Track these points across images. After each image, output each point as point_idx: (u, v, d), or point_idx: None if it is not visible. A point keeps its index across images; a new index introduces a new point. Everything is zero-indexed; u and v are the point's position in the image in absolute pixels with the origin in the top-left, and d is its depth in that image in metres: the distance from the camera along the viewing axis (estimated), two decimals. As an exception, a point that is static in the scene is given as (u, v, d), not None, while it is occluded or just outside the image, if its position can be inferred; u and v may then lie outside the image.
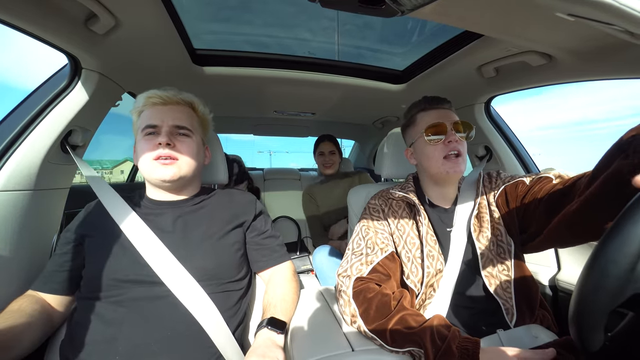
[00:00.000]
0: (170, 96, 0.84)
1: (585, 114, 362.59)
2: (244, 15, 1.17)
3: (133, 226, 0.78)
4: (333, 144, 2.04)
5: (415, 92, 1.51)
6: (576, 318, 0.39)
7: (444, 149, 0.87)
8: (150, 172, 0.80)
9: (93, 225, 0.80)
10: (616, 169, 0.54)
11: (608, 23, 0.53)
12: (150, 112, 0.82)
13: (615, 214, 0.38)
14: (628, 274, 0.35)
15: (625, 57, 0.80)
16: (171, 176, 0.80)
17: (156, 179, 0.81)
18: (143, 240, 0.76)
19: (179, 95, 0.87)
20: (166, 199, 0.86)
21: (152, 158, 0.79)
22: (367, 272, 0.80)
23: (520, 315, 0.79)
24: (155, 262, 0.73)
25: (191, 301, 0.72)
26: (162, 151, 0.79)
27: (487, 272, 0.82)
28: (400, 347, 0.66)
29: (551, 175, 0.77)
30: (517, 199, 0.83)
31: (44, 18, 0.73)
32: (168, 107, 0.83)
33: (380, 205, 0.95)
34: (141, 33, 0.92)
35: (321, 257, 1.60)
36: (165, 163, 0.80)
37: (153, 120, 0.81)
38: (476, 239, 0.85)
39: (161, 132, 0.80)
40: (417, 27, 1.18)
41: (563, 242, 0.77)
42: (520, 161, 1.43)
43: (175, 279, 0.73)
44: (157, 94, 0.83)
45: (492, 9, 0.63)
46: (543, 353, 0.61)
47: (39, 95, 0.92)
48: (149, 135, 0.81)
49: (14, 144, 0.85)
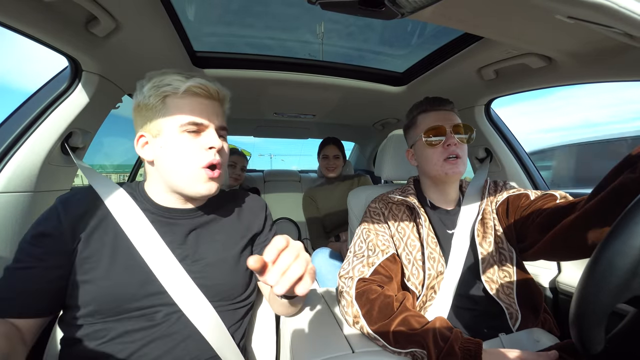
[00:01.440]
0: (214, 90, 0.69)
1: (588, 117, 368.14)
2: (244, 18, 1.17)
3: (145, 237, 0.66)
4: (338, 148, 2.03)
5: (415, 94, 1.51)
6: (577, 319, 0.39)
7: (443, 152, 0.87)
8: (195, 182, 0.66)
9: (89, 232, 0.63)
10: (621, 182, 0.54)
11: (607, 26, 0.53)
12: (192, 105, 0.66)
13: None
14: (634, 267, 0.35)
15: (624, 60, 0.80)
16: (215, 190, 0.69)
17: (197, 193, 0.67)
18: (156, 255, 0.65)
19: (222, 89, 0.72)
20: (177, 207, 0.73)
21: (202, 166, 0.66)
22: (369, 273, 0.80)
23: (525, 319, 0.79)
24: (168, 280, 0.64)
25: (203, 323, 0.65)
26: (215, 158, 0.66)
27: (488, 277, 0.82)
28: (403, 348, 0.66)
29: (556, 194, 0.78)
30: (518, 210, 0.83)
31: (44, 21, 0.73)
32: (212, 103, 0.69)
33: (381, 209, 0.95)
34: (141, 35, 0.92)
35: (320, 260, 1.60)
36: (214, 175, 0.67)
37: (199, 117, 0.66)
38: (479, 244, 0.85)
39: (208, 134, 0.67)
40: (417, 30, 1.18)
41: (558, 255, 0.78)
42: (521, 163, 1.43)
43: (189, 299, 0.65)
44: (201, 82, 0.67)
45: (492, 12, 0.63)
46: (546, 356, 0.61)
47: (40, 98, 0.92)
48: (192, 133, 0.66)
49: (14, 146, 0.85)
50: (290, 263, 0.47)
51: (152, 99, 0.65)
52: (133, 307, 0.62)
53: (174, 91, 0.65)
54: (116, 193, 0.69)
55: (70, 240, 0.62)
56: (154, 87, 0.66)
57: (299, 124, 2.49)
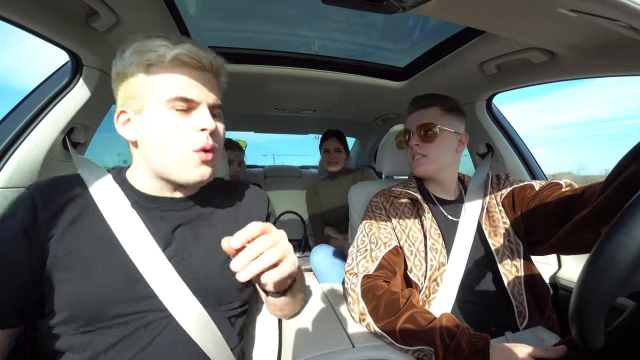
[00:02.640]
0: (207, 61, 0.59)
1: (592, 113, 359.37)
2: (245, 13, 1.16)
3: (131, 231, 0.57)
4: (339, 141, 2.00)
5: (416, 89, 1.49)
6: (577, 312, 0.39)
7: (411, 153, 0.95)
8: (185, 167, 0.58)
9: (66, 226, 0.55)
10: (632, 172, 0.53)
11: (611, 19, 0.53)
12: (180, 76, 0.56)
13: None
14: (635, 261, 0.35)
15: (628, 54, 0.79)
16: (210, 176, 0.61)
17: (189, 179, 0.59)
18: (142, 252, 0.56)
19: (215, 59, 0.62)
20: (164, 195, 0.63)
21: (193, 149, 0.57)
22: (374, 268, 0.80)
23: (532, 317, 0.79)
24: (157, 281, 0.56)
25: (195, 328, 0.57)
26: (208, 142, 0.58)
27: (506, 269, 0.82)
28: (410, 346, 0.66)
29: (562, 182, 0.78)
30: (524, 202, 0.83)
31: (45, 15, 0.73)
32: (205, 77, 0.59)
33: (382, 203, 0.96)
34: (142, 30, 0.91)
35: (319, 256, 1.60)
36: (207, 159, 0.58)
37: (188, 91, 0.56)
38: (489, 236, 0.85)
39: (199, 112, 0.57)
40: (418, 24, 1.17)
41: (570, 249, 0.76)
42: (522, 159, 1.43)
43: (179, 303, 0.57)
44: (192, 51, 0.56)
45: (494, 5, 0.63)
46: (554, 351, 0.61)
47: (41, 93, 0.92)
48: (181, 111, 0.56)
49: (16, 141, 0.85)
50: (262, 250, 0.44)
51: (134, 67, 0.56)
52: (115, 313, 0.53)
53: (159, 59, 0.54)
54: (103, 180, 0.61)
55: (44, 235, 0.53)
56: (135, 53, 0.55)
57: (300, 120, 2.48)
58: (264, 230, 0.46)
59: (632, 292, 0.36)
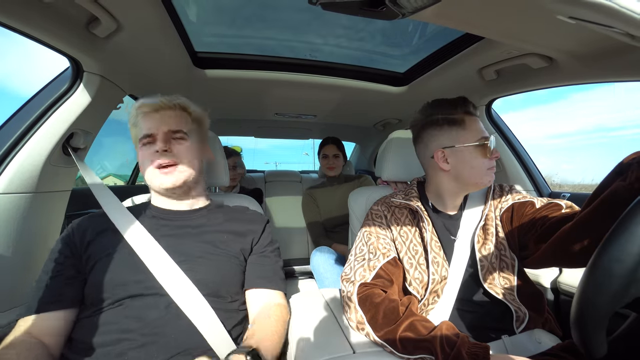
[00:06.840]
0: (160, 103, 0.84)
1: (601, 121, 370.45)
2: (245, 19, 1.17)
3: (136, 233, 0.77)
4: (337, 147, 2.02)
5: (416, 95, 1.51)
6: (578, 321, 0.38)
7: (489, 163, 0.84)
8: (153, 180, 0.82)
9: (95, 233, 0.78)
10: (613, 190, 0.55)
11: (608, 26, 0.53)
12: (144, 122, 0.83)
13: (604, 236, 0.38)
14: (631, 273, 0.35)
15: (626, 60, 0.80)
16: (173, 183, 0.81)
17: (159, 187, 0.82)
18: (146, 248, 0.75)
19: (168, 100, 0.86)
20: (171, 208, 0.87)
21: (154, 167, 0.81)
22: (371, 277, 0.79)
23: (529, 321, 0.78)
24: (159, 271, 0.72)
25: (194, 312, 0.70)
26: (161, 160, 0.80)
27: (490, 283, 0.81)
28: (411, 354, 0.65)
29: (562, 203, 0.76)
30: (522, 218, 0.81)
31: (46, 21, 0.74)
32: (160, 114, 0.84)
33: (383, 212, 0.93)
34: (142, 36, 0.92)
35: (318, 259, 1.59)
36: (166, 172, 0.81)
37: (148, 129, 0.82)
38: (478, 250, 0.84)
39: (157, 140, 0.81)
40: (418, 30, 1.18)
41: (561, 263, 0.79)
42: (522, 165, 1.43)
43: (180, 290, 0.71)
44: (146, 102, 0.84)
45: (493, 12, 0.63)
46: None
47: (41, 98, 0.92)
48: (147, 145, 0.82)
49: (16, 147, 0.86)
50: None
51: (131, 129, 0.88)
52: (125, 294, 0.70)
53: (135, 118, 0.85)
54: (110, 198, 0.85)
55: (79, 247, 0.76)
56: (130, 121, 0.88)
57: (300, 125, 2.49)
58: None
59: (630, 303, 0.36)
